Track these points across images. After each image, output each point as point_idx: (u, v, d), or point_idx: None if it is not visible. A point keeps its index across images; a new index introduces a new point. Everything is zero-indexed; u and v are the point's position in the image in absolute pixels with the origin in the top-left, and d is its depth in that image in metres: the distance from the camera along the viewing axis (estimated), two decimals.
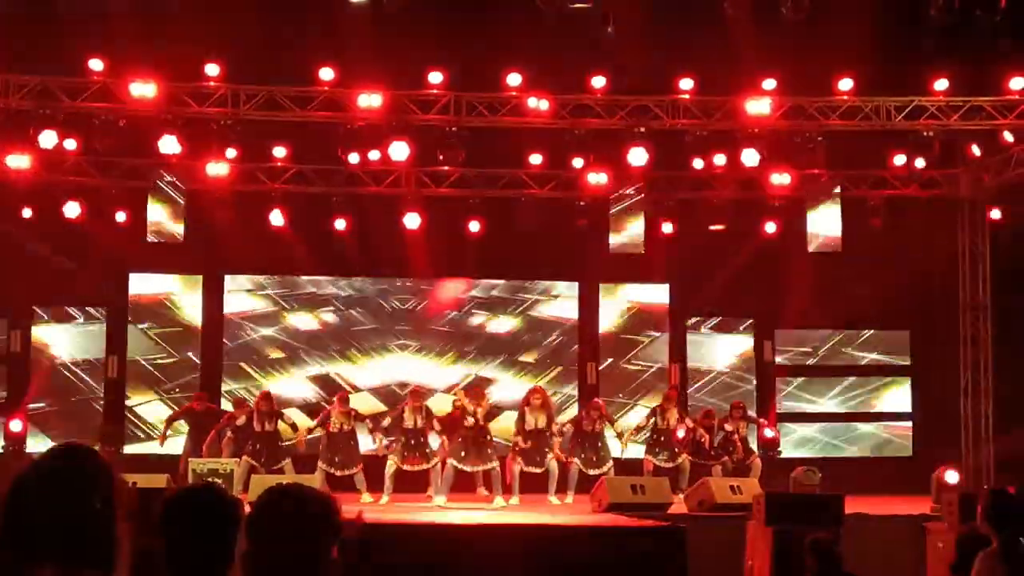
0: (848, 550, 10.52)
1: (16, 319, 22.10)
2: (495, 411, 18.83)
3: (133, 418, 22.29)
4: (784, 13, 17.51)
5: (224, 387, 22.45)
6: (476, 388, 19.20)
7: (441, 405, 20.09)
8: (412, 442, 18.55)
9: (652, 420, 19.78)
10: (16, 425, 21.49)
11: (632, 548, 13.86)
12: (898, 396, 23.52)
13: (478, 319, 23.34)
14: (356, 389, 22.31)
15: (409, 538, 13.58)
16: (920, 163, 20.98)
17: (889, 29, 19.15)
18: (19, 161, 20.05)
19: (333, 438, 18.84)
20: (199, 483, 6.56)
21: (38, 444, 21.40)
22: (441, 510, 17.18)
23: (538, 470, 18.58)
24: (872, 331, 23.54)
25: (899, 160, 21.38)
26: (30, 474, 3.28)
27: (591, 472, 18.64)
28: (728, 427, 20.07)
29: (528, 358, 23.22)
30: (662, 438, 19.64)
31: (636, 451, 19.95)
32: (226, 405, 21.23)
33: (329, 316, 23.10)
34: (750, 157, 20.41)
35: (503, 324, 23.36)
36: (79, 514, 3.22)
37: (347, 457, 18.83)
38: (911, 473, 20.62)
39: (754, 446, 20.63)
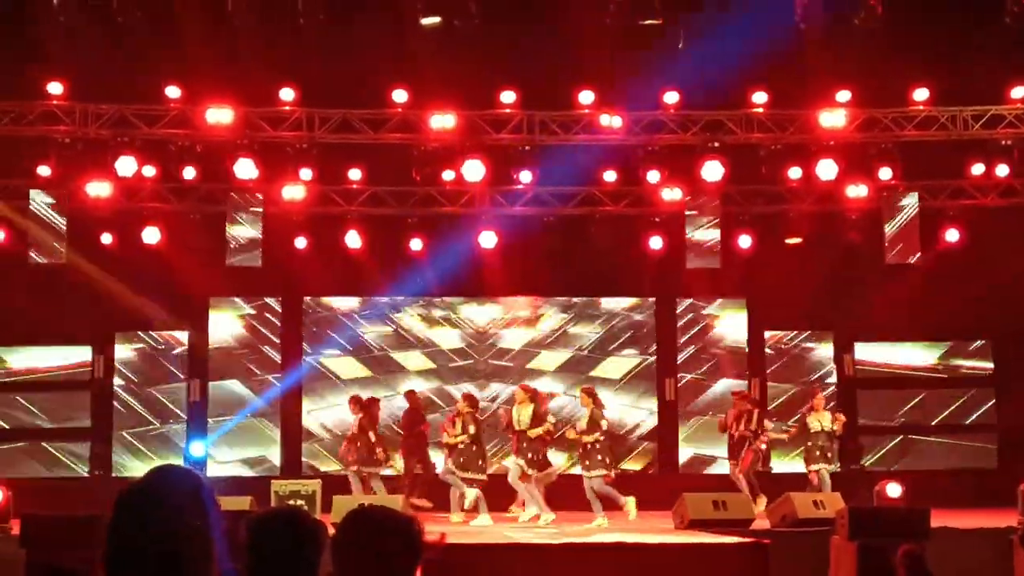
0: (934, 564, 10.41)
1: (99, 345, 22.34)
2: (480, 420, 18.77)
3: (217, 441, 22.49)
4: (857, 24, 17.42)
5: (306, 408, 22.60)
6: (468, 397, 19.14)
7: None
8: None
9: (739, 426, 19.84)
10: (102, 449, 21.78)
11: (715, 565, 13.78)
12: (982, 408, 23.21)
13: (554, 337, 23.31)
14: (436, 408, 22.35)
15: (494, 558, 13.57)
16: (999, 171, 20.81)
17: (963, 38, 18.99)
18: (99, 189, 20.30)
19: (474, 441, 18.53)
20: (283, 506, 6.61)
21: (122, 469, 21.71)
22: (524, 528, 17.12)
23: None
24: (953, 342, 23.26)
25: (977, 169, 21.17)
26: (130, 496, 3.33)
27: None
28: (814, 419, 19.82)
29: (606, 375, 23.15)
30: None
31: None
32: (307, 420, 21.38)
33: (407, 335, 23.17)
34: (826, 169, 20.29)
35: (579, 342, 23.33)
36: (179, 535, 3.27)
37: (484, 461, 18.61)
38: (996, 486, 20.35)
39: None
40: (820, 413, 19.48)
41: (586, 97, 20.41)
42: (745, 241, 21.76)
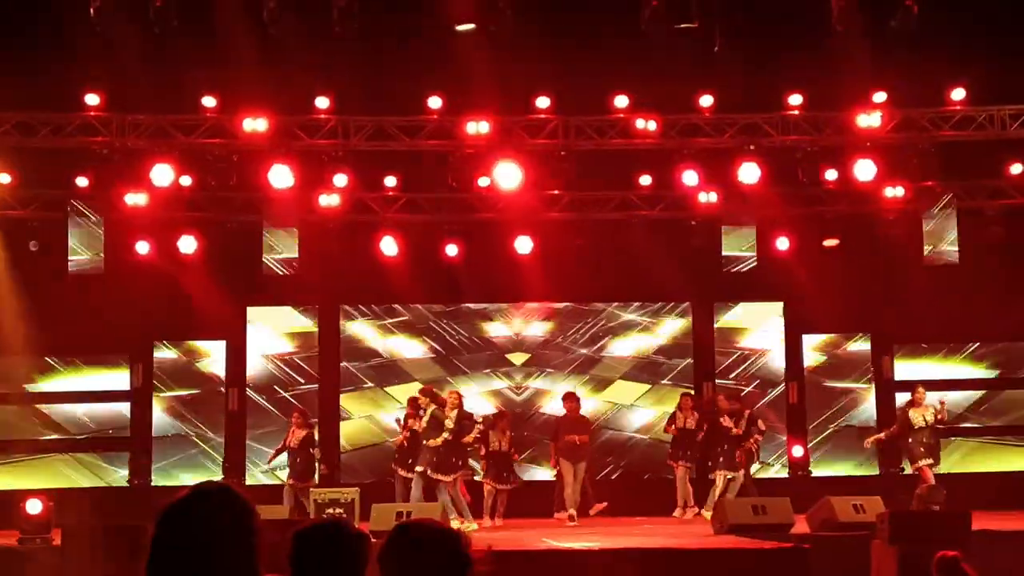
0: (975, 568, 10.36)
1: (136, 354, 22.39)
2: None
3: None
4: (893, 25, 17.36)
5: (343, 415, 22.64)
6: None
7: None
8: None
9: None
10: (142, 459, 21.86)
11: (755, 570, 13.75)
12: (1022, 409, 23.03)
13: (592, 342, 23.27)
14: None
15: (533, 565, 13.58)
16: None
17: (1000, 37, 18.90)
18: (136, 198, 20.38)
19: (494, 456, 19.46)
20: (327, 518, 6.60)
21: (162, 478, 21.81)
22: (564, 534, 17.13)
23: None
24: (993, 343, 23.07)
25: (1016, 169, 21.05)
26: (172, 514, 3.35)
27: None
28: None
29: (643, 379, 23.11)
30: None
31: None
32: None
33: (442, 342, 23.17)
34: (863, 171, 20.22)
35: (617, 347, 23.28)
36: (221, 554, 3.28)
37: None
38: None
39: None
40: (923, 408, 19.24)
41: (621, 101, 20.40)
42: (782, 243, 21.65)
